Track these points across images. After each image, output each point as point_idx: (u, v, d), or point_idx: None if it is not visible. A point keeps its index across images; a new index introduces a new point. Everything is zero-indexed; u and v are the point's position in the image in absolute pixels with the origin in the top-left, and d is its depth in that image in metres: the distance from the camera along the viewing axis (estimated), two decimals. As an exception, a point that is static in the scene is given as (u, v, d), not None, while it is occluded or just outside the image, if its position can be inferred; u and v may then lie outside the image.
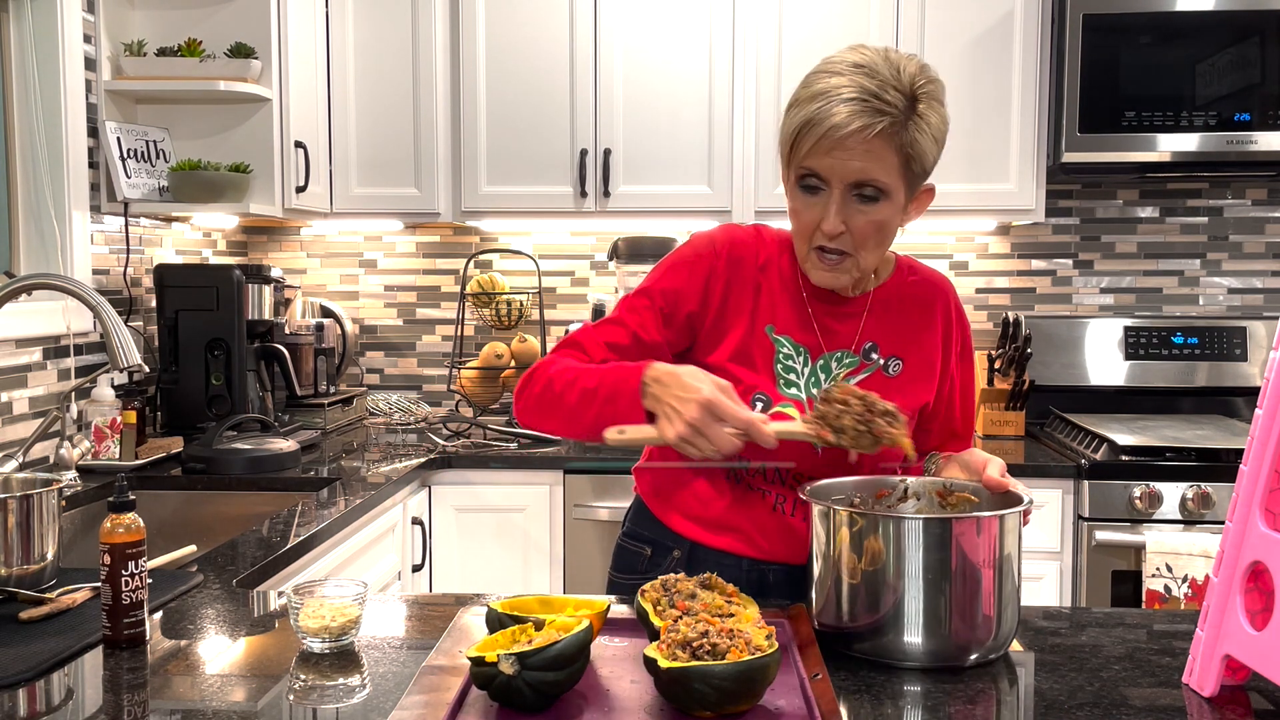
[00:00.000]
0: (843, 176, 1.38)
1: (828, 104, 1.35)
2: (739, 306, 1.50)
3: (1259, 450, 1.14)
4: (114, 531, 1.32)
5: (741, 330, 1.50)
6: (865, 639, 1.26)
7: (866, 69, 1.36)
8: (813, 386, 1.50)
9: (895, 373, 1.53)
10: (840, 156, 1.37)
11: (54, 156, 2.58)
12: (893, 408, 1.34)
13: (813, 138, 1.36)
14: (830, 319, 1.52)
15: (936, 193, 1.56)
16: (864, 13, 3.06)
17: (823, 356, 1.51)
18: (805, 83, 1.41)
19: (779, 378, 1.50)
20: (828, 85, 1.37)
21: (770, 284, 1.51)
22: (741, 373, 1.48)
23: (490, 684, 1.09)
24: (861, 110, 1.34)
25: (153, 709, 1.15)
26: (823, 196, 1.40)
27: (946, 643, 1.24)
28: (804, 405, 1.49)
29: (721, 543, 1.54)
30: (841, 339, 1.52)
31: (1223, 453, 2.72)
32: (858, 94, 1.35)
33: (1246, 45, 2.90)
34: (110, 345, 1.98)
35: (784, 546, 1.53)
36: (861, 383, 1.51)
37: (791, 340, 1.51)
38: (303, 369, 3.14)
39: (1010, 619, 1.28)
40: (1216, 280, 3.41)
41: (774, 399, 1.49)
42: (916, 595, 1.23)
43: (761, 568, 1.53)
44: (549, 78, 3.12)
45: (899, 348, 1.54)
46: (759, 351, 1.50)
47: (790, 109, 1.41)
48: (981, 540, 1.24)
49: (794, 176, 1.42)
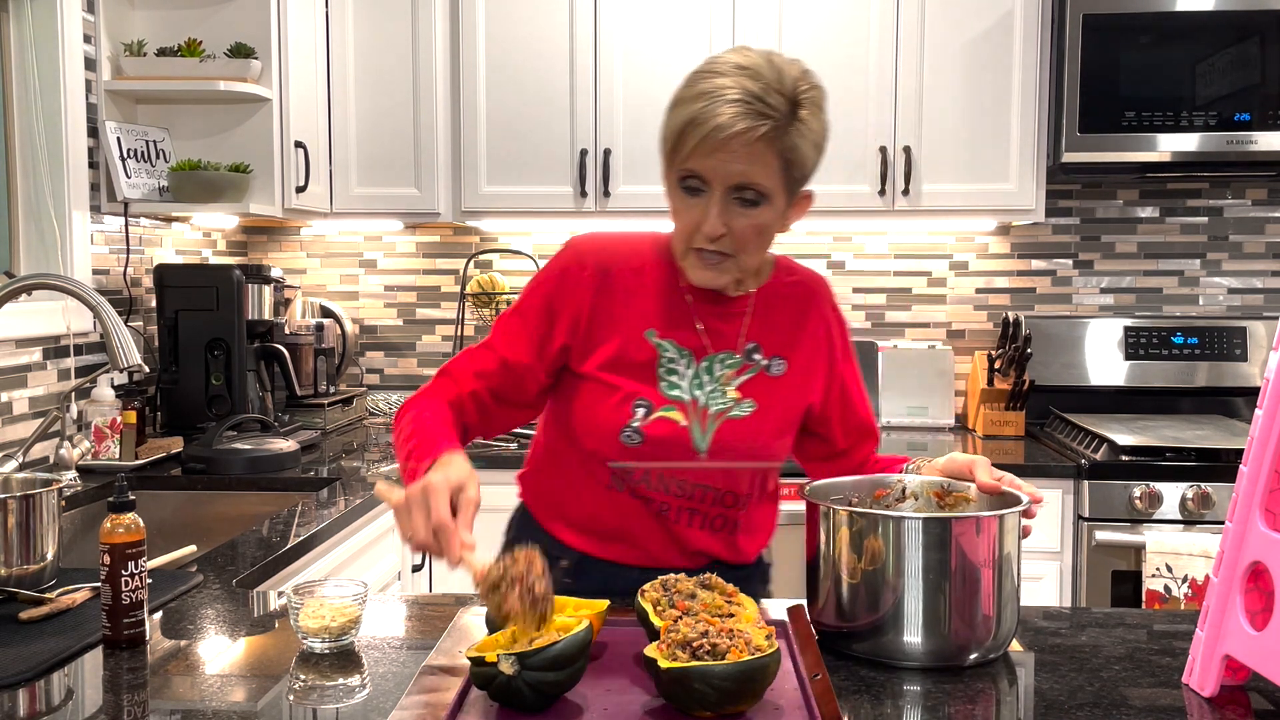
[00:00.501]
0: (724, 179, 1.36)
1: (711, 105, 1.33)
2: (611, 315, 1.48)
3: (1259, 450, 1.14)
4: (114, 531, 1.32)
5: (618, 339, 1.48)
6: (865, 639, 1.26)
7: (750, 71, 1.35)
8: (696, 388, 1.48)
9: (779, 373, 1.52)
10: (722, 159, 1.35)
11: (54, 156, 2.58)
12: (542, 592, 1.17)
13: (695, 138, 1.34)
14: (713, 320, 1.50)
15: (933, 193, 1.55)
16: (864, 13, 3.06)
17: (706, 358, 1.49)
18: (688, 82, 1.39)
19: (661, 380, 1.48)
20: (712, 86, 1.35)
21: (648, 289, 1.50)
22: (618, 380, 1.47)
23: (490, 684, 1.09)
24: (745, 113, 1.33)
25: (153, 709, 1.15)
26: (704, 198, 1.39)
27: (946, 642, 1.24)
28: (687, 407, 1.47)
29: (611, 553, 1.53)
30: (725, 340, 1.51)
31: (1223, 453, 2.72)
32: (741, 96, 1.33)
33: (1246, 45, 2.90)
34: (110, 345, 1.98)
35: (675, 553, 1.52)
36: (746, 383, 1.50)
37: (675, 344, 1.49)
38: (303, 369, 3.14)
39: (1010, 619, 1.28)
40: (1216, 280, 3.41)
41: (656, 403, 1.47)
42: (916, 595, 1.23)
43: (651, 575, 1.51)
44: (549, 78, 3.12)
45: (781, 348, 1.53)
46: (640, 357, 1.48)
47: (673, 108, 1.39)
48: (981, 540, 1.24)
49: (675, 177, 1.40)
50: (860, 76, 3.07)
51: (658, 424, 1.46)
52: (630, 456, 1.47)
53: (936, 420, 3.40)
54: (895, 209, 3.08)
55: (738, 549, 1.55)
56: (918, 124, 3.07)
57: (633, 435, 1.46)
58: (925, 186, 3.07)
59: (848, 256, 3.48)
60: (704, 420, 1.48)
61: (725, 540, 1.54)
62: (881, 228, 3.45)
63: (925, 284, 3.48)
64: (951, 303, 3.47)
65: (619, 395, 1.47)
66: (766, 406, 1.50)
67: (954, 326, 3.48)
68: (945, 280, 3.47)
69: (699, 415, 1.48)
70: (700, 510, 1.51)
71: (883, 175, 3.06)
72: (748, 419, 1.49)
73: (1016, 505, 1.29)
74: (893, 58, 3.07)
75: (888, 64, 3.07)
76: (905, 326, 3.49)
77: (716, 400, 1.49)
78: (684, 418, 1.47)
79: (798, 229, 3.46)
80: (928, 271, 3.47)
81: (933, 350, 3.43)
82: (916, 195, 3.07)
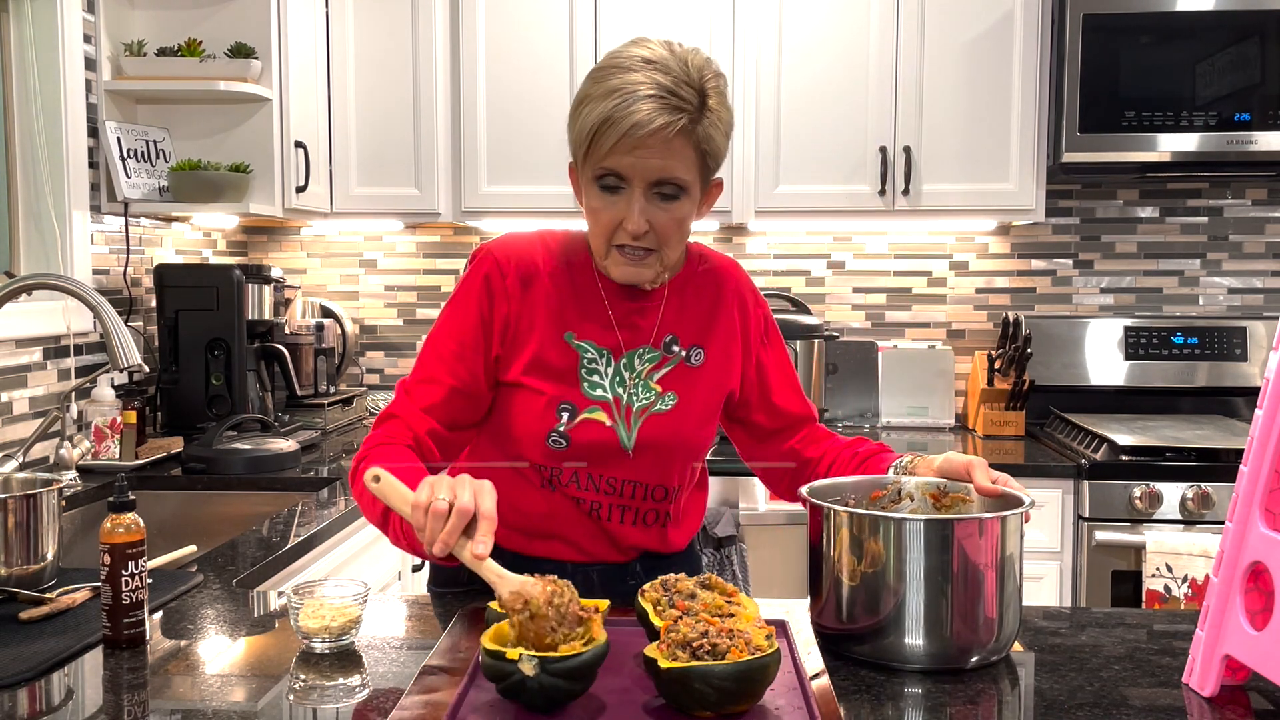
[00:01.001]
0: (644, 175, 1.36)
1: (625, 102, 1.32)
2: (531, 321, 1.47)
3: (1259, 450, 1.14)
4: (114, 531, 1.32)
5: (535, 343, 1.47)
6: (865, 641, 1.26)
7: (659, 65, 1.34)
8: (618, 386, 1.48)
9: (698, 363, 1.52)
10: (641, 155, 1.34)
11: (54, 156, 2.58)
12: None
13: (613, 136, 1.33)
14: (630, 315, 1.50)
15: (933, 193, 1.55)
16: (864, 13, 3.06)
17: (625, 355, 1.49)
18: (594, 79, 1.38)
19: (583, 381, 1.47)
20: (623, 82, 1.34)
21: (563, 290, 1.49)
22: (541, 384, 1.46)
23: (503, 679, 1.08)
24: (662, 108, 1.32)
25: (153, 709, 1.15)
26: (623, 195, 1.38)
27: (948, 645, 1.23)
28: (610, 406, 1.47)
29: (543, 550, 1.53)
30: (642, 334, 1.51)
31: (1223, 453, 2.72)
32: (655, 91, 1.32)
33: (1246, 45, 2.90)
34: (110, 345, 1.98)
35: (605, 548, 1.53)
36: (666, 376, 1.50)
37: (594, 344, 1.48)
38: (303, 369, 3.14)
39: (1012, 621, 1.27)
40: (1216, 280, 3.41)
41: (580, 405, 1.47)
42: (918, 597, 1.22)
43: (585, 569, 1.53)
44: (549, 78, 3.12)
45: (698, 337, 1.53)
46: (560, 361, 1.47)
47: (582, 106, 1.38)
48: (984, 542, 1.24)
49: (591, 175, 1.39)
50: (860, 76, 3.07)
51: (583, 427, 1.46)
52: (558, 460, 1.47)
53: (936, 420, 3.40)
54: (895, 209, 3.08)
55: (668, 540, 1.57)
56: (918, 124, 3.07)
57: (559, 440, 1.46)
58: (925, 186, 3.07)
59: (848, 256, 3.48)
60: (628, 418, 1.48)
61: (657, 533, 1.55)
62: (881, 228, 3.45)
63: (925, 284, 3.48)
64: (951, 303, 3.47)
65: (543, 401, 1.46)
66: (688, 398, 1.51)
67: (954, 326, 3.48)
68: (945, 280, 3.47)
69: (623, 414, 1.48)
70: (632, 506, 1.51)
71: (883, 175, 3.06)
72: (670, 412, 1.49)
73: (1018, 506, 1.29)
74: (893, 58, 3.07)
75: (888, 64, 3.07)
76: (905, 326, 3.49)
77: (638, 396, 1.49)
78: (608, 418, 1.47)
79: (798, 229, 3.46)
80: (928, 271, 3.47)
81: (933, 350, 3.43)
82: (916, 195, 3.07)
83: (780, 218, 3.18)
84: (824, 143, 3.10)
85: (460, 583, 1.58)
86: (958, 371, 3.47)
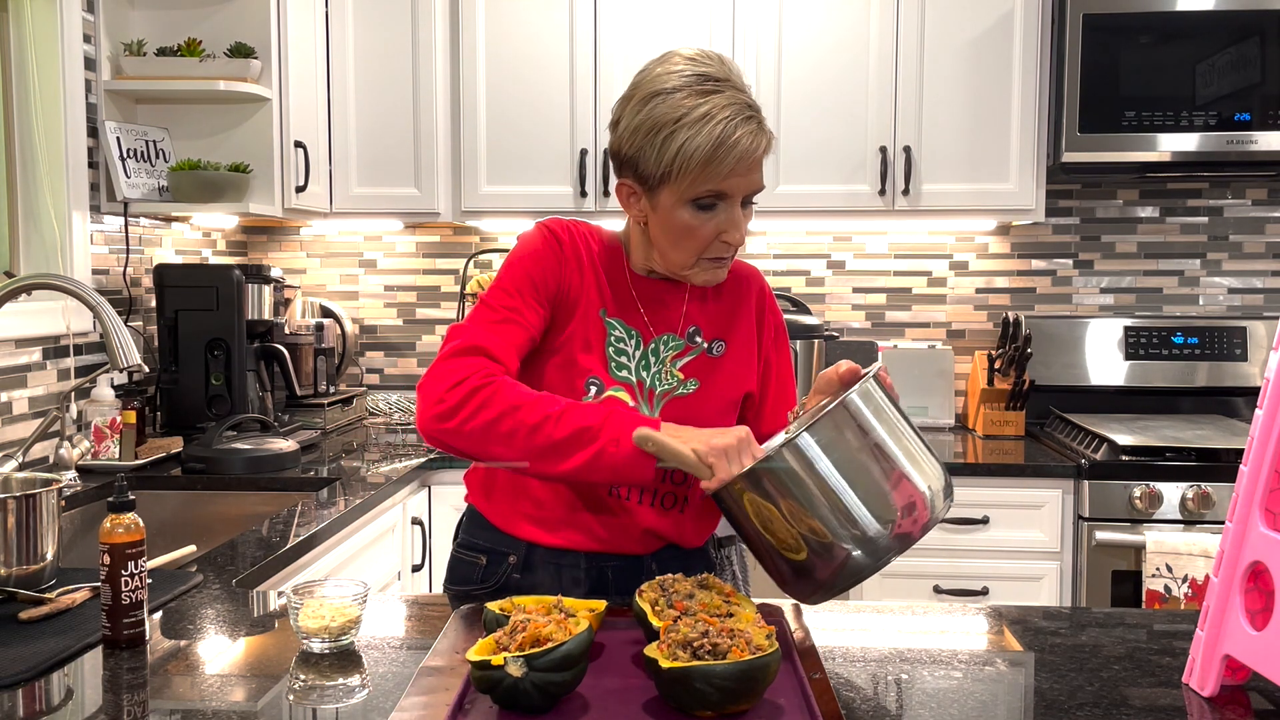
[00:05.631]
0: (746, 190, 1.43)
1: (728, 127, 1.37)
2: (579, 292, 1.52)
3: (1259, 450, 1.14)
4: (114, 531, 1.32)
5: (579, 314, 1.52)
6: (824, 582, 1.26)
7: (733, 83, 1.42)
8: (643, 370, 1.52)
9: (719, 353, 1.57)
10: (748, 174, 1.42)
11: (54, 156, 2.58)
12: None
13: (730, 161, 1.38)
14: (656, 305, 1.55)
15: (933, 192, 1.57)
16: (864, 13, 3.06)
17: (653, 340, 1.54)
18: (679, 104, 1.38)
19: (610, 360, 1.52)
20: (712, 106, 1.38)
21: (599, 272, 1.54)
22: (580, 356, 1.50)
23: (496, 687, 1.08)
24: (758, 130, 1.40)
25: (153, 709, 1.15)
26: (720, 209, 1.43)
27: (890, 526, 1.23)
28: (634, 389, 1.51)
29: (559, 539, 1.54)
30: (668, 324, 1.55)
31: (1223, 453, 2.72)
32: (744, 112, 1.39)
33: (1246, 45, 2.90)
34: (110, 345, 1.98)
35: (622, 535, 1.54)
36: (689, 364, 1.55)
37: (624, 323, 1.53)
38: (303, 369, 3.14)
39: (930, 466, 1.27)
40: (1216, 280, 3.41)
41: (606, 383, 1.50)
42: (833, 511, 1.22)
43: (600, 563, 1.54)
44: (549, 77, 3.12)
45: (720, 331, 1.58)
46: (594, 336, 1.52)
47: (675, 133, 1.38)
48: (848, 432, 1.24)
49: (688, 196, 1.42)
50: (860, 76, 3.07)
51: None
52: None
53: (936, 420, 3.40)
54: (895, 209, 3.09)
55: (685, 531, 1.57)
56: (918, 124, 3.07)
57: None
58: (925, 186, 3.07)
59: (848, 256, 3.48)
60: (650, 400, 1.52)
61: (674, 520, 1.56)
62: (881, 228, 3.45)
63: (925, 284, 3.48)
64: (951, 303, 3.47)
65: (575, 371, 1.49)
66: (709, 385, 1.55)
67: (954, 326, 3.48)
68: (945, 280, 3.47)
69: (645, 396, 1.52)
70: (650, 486, 1.53)
71: (883, 175, 3.06)
72: (691, 396, 1.54)
73: (865, 375, 1.30)
74: (893, 58, 3.07)
75: (888, 64, 3.07)
76: (905, 326, 3.49)
77: (661, 381, 1.53)
78: (631, 399, 1.51)
79: (798, 229, 3.47)
80: (928, 271, 3.47)
81: (933, 350, 3.43)
82: (916, 195, 3.07)
83: (780, 217, 3.18)
84: (824, 143, 3.10)
85: (474, 580, 1.60)
86: (958, 371, 3.47)
